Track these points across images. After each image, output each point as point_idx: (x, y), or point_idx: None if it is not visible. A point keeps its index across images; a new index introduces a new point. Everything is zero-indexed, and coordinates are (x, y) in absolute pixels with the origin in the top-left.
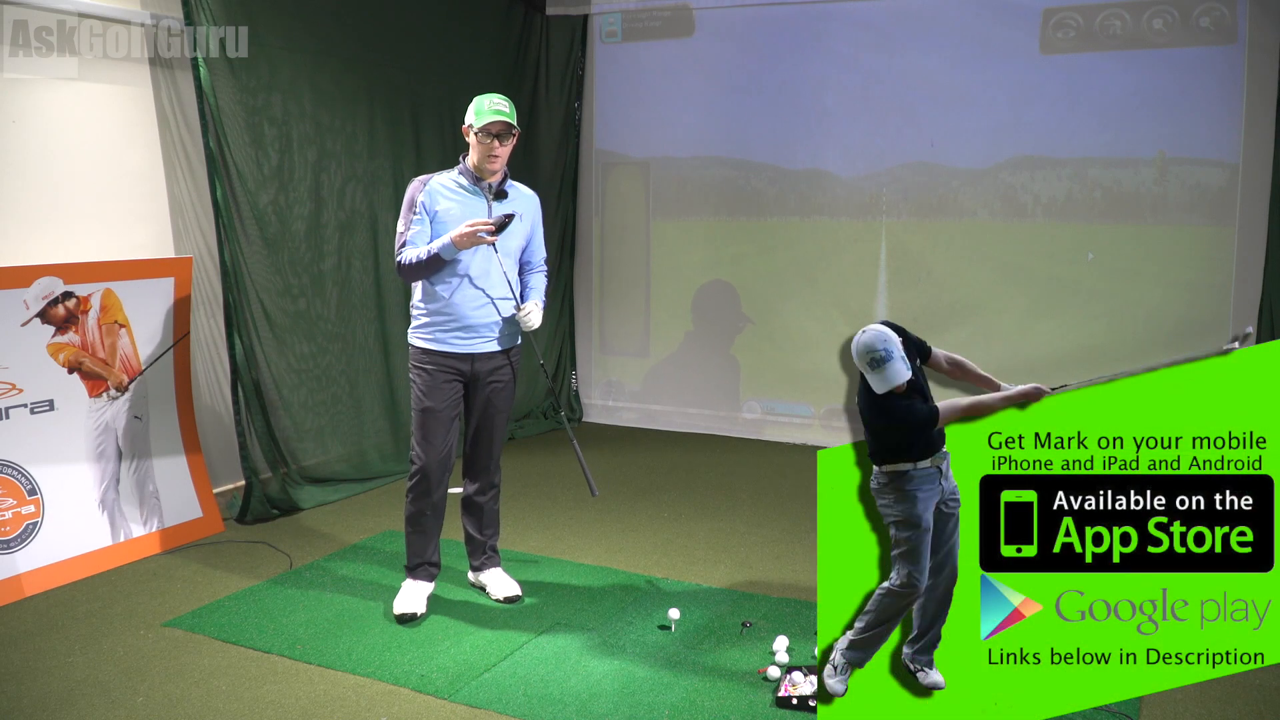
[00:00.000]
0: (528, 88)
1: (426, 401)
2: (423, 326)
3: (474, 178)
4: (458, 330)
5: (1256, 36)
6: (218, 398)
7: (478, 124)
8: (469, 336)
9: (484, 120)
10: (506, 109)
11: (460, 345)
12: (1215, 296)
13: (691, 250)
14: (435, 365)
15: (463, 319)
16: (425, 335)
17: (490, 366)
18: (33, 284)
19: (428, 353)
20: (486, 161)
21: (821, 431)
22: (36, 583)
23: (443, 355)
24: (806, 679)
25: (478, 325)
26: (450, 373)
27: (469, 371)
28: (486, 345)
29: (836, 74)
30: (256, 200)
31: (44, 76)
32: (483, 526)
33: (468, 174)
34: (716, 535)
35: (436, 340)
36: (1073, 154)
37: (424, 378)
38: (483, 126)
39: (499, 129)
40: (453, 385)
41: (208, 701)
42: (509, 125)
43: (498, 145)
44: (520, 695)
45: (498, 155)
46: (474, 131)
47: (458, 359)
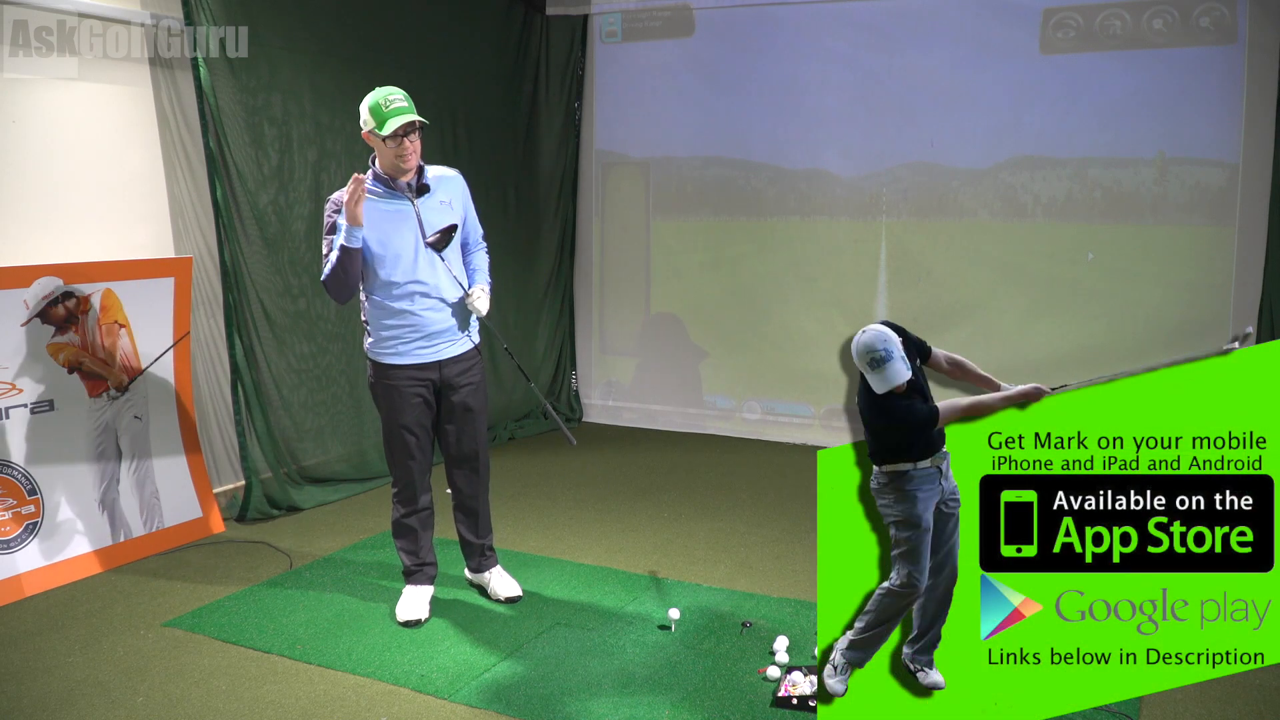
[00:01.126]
0: (528, 88)
1: (399, 418)
2: (381, 342)
3: (388, 182)
4: (419, 341)
5: (1256, 36)
6: (218, 398)
7: (384, 132)
8: (432, 344)
9: (390, 128)
10: (407, 104)
11: (425, 355)
12: (1215, 296)
13: (691, 250)
14: (401, 379)
15: (422, 328)
16: (386, 350)
17: (458, 370)
18: (33, 284)
19: (392, 368)
20: (401, 164)
21: (821, 431)
22: (36, 583)
23: (409, 368)
24: (806, 679)
25: (439, 332)
26: (418, 384)
27: (438, 379)
28: (451, 350)
29: (836, 74)
30: (256, 200)
31: (44, 76)
32: (478, 530)
33: (381, 180)
34: (716, 535)
35: (399, 354)
36: (1073, 154)
37: (391, 394)
38: (391, 134)
39: (407, 130)
40: (422, 397)
41: (208, 701)
42: (414, 123)
43: (409, 144)
44: (520, 695)
45: (409, 155)
46: (377, 138)
47: (425, 369)
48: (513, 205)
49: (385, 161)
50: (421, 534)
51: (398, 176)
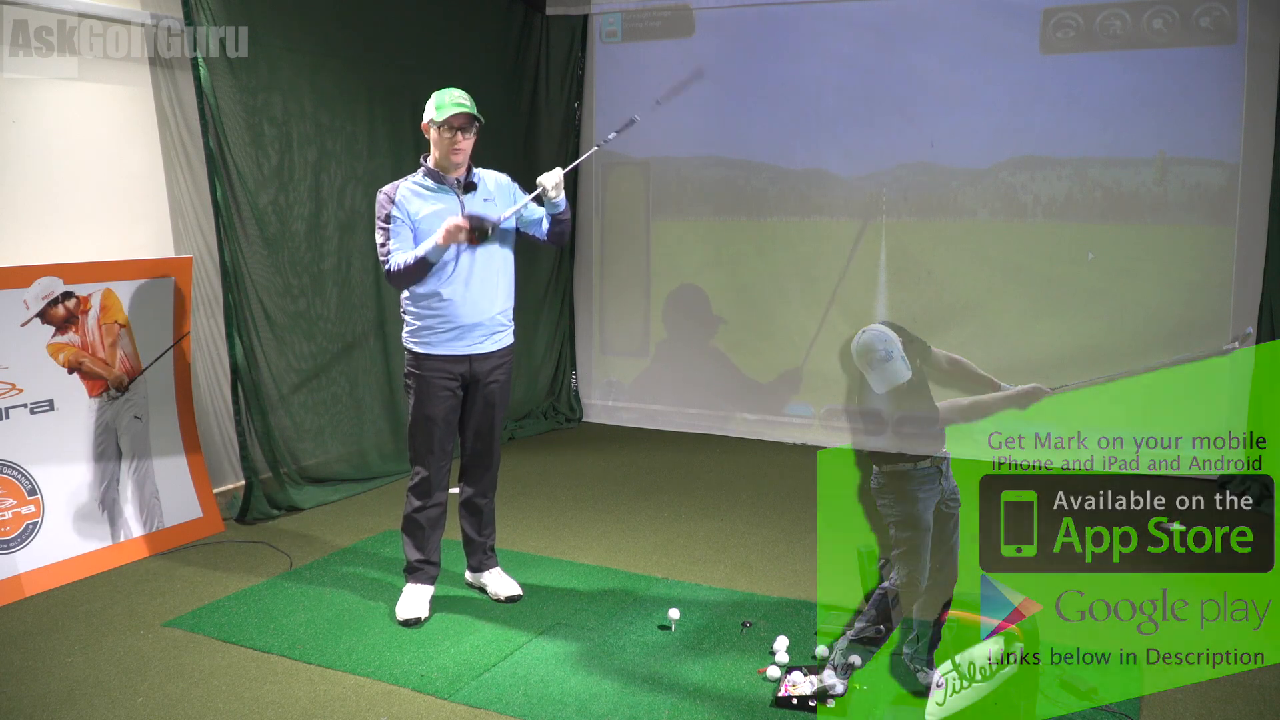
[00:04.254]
0: (528, 88)
1: (425, 409)
2: (417, 331)
3: (438, 176)
4: (451, 332)
5: (1256, 36)
6: (218, 398)
7: (439, 118)
8: (465, 338)
9: (446, 114)
10: (467, 102)
11: (456, 348)
12: (1215, 296)
13: (691, 250)
14: (432, 370)
15: (456, 320)
16: (420, 339)
17: (488, 367)
18: (33, 284)
19: (424, 357)
20: (450, 155)
21: (821, 431)
22: (36, 583)
23: (439, 359)
24: (806, 679)
25: (471, 326)
26: (447, 376)
27: (467, 373)
28: (483, 346)
29: (836, 74)
30: (256, 200)
31: (44, 76)
32: (481, 527)
33: (431, 174)
34: (716, 535)
35: (431, 344)
36: (1073, 154)
37: (421, 384)
38: (445, 120)
39: (461, 121)
40: (450, 389)
41: (208, 701)
42: (471, 117)
43: (460, 138)
44: (520, 695)
45: (461, 148)
46: (435, 126)
47: (454, 361)
48: None
49: (437, 154)
50: (430, 533)
51: (447, 171)
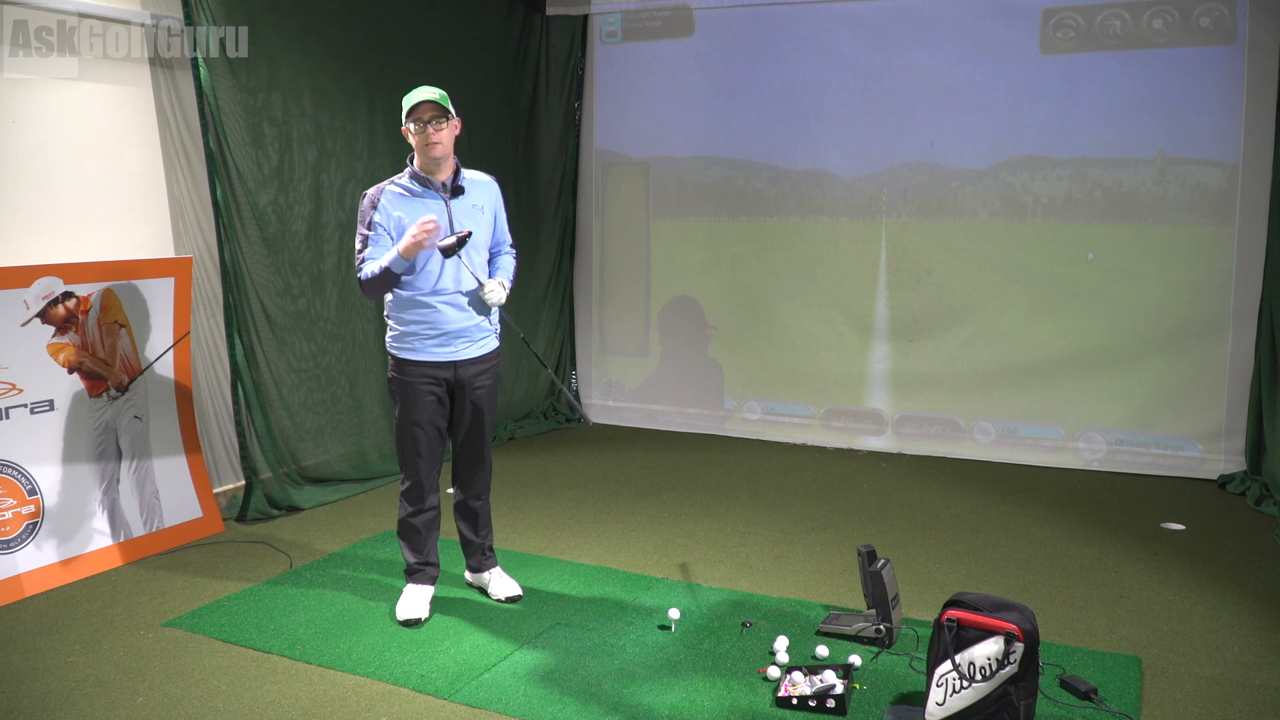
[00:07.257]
0: (528, 88)
1: (411, 415)
2: (400, 337)
3: (424, 180)
4: (436, 338)
5: (1256, 36)
6: (218, 398)
7: (405, 110)
8: (449, 344)
9: (410, 104)
10: (435, 94)
11: (441, 354)
12: (1215, 296)
13: (691, 250)
14: (416, 376)
15: (440, 326)
16: (404, 346)
17: (473, 372)
18: (33, 284)
19: (407, 363)
20: (427, 151)
21: (821, 431)
22: (36, 583)
23: (425, 365)
24: (806, 679)
25: (456, 332)
26: (432, 382)
27: (452, 379)
28: (469, 351)
29: (836, 74)
30: (256, 200)
31: (44, 76)
32: (478, 528)
33: (417, 177)
34: (716, 535)
35: (416, 350)
36: (1073, 154)
37: (406, 390)
38: (410, 112)
39: (427, 112)
40: (436, 395)
41: (208, 701)
42: (437, 106)
43: (431, 131)
44: (520, 695)
45: (436, 142)
46: (406, 122)
47: (439, 367)
48: (513, 205)
49: (418, 154)
50: (426, 535)
51: (431, 173)
